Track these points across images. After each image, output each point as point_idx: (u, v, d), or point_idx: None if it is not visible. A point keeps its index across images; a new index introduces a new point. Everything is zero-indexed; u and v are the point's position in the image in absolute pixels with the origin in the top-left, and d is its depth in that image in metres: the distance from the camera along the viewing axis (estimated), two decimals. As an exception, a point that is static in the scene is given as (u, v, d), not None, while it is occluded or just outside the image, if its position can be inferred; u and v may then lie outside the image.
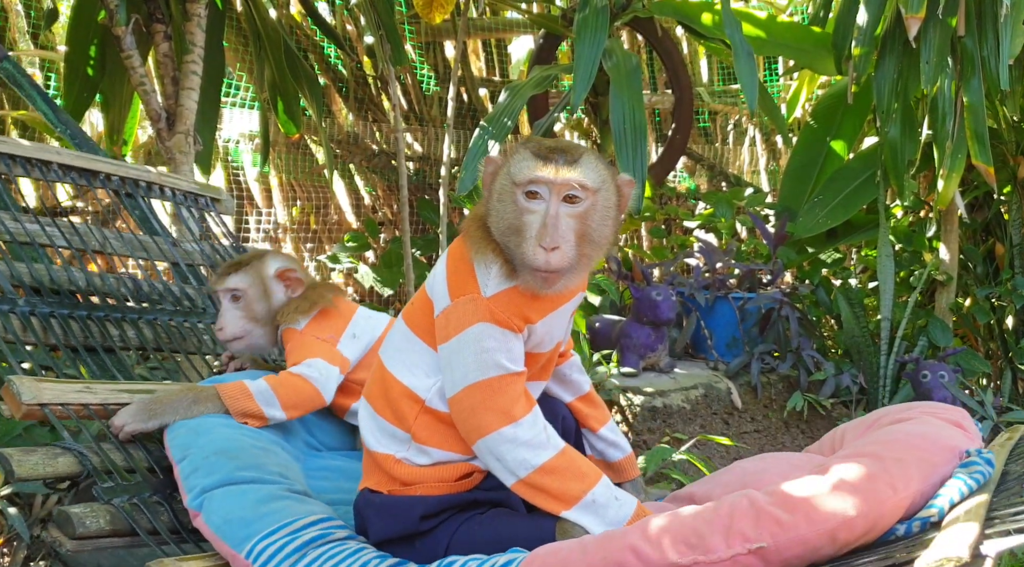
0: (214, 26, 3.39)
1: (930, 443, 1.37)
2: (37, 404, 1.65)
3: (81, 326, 1.98)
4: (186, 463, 1.61)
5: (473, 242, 1.45)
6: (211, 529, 1.49)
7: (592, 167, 1.42)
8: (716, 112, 5.70)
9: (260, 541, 1.42)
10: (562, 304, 1.51)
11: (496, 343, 1.40)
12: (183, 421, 1.71)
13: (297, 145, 4.61)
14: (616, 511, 1.38)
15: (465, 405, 1.40)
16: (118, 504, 1.58)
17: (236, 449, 1.62)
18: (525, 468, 1.38)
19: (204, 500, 1.52)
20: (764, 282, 3.71)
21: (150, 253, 2.36)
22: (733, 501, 1.27)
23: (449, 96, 3.99)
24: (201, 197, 2.62)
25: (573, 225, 1.40)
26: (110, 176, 2.39)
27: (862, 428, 1.63)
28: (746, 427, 3.31)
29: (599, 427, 1.72)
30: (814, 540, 1.20)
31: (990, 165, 3.21)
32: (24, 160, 2.20)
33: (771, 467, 1.57)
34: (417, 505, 1.45)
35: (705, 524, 1.24)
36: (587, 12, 3.21)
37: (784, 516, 1.22)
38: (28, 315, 1.90)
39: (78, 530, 1.51)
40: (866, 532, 1.23)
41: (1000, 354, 3.78)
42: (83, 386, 1.74)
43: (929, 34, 3.16)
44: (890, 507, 1.24)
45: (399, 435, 1.48)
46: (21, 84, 2.73)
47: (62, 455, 1.63)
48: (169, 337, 2.14)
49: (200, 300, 2.32)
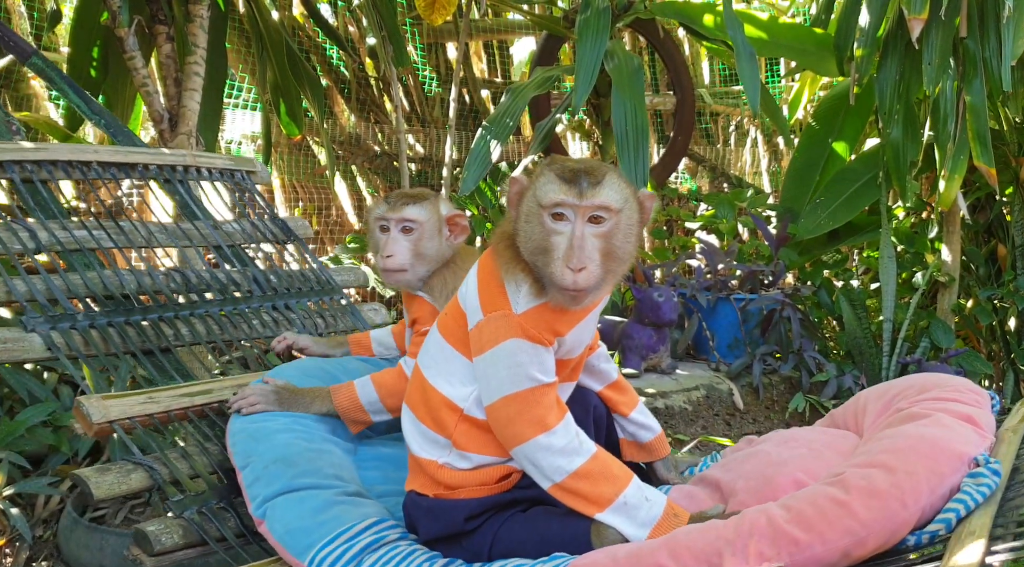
0: (216, 27, 3.40)
1: (940, 452, 1.43)
2: (107, 422, 1.73)
3: (136, 330, 2.04)
4: (248, 471, 1.69)
5: (503, 261, 1.52)
6: (275, 538, 1.58)
7: (615, 188, 1.47)
8: (718, 113, 5.70)
9: (320, 550, 1.52)
10: (589, 313, 1.58)
11: (528, 357, 1.46)
12: (242, 427, 1.78)
13: (299, 146, 4.62)
14: (647, 512, 1.45)
15: (501, 415, 1.47)
16: (188, 516, 1.66)
17: (293, 456, 1.70)
18: (560, 474, 1.45)
19: (267, 509, 1.62)
20: (766, 283, 3.71)
21: (193, 240, 2.40)
22: (752, 519, 1.34)
23: (451, 97, 4.00)
24: (236, 172, 2.66)
25: (598, 244, 1.46)
26: (148, 165, 2.44)
27: (882, 403, 1.73)
28: (748, 428, 3.31)
29: (629, 411, 1.80)
30: (828, 558, 1.28)
31: (992, 166, 3.21)
32: (65, 164, 2.25)
33: (792, 456, 1.63)
34: (461, 508, 1.53)
35: (727, 544, 1.31)
36: (589, 13, 3.21)
37: (800, 536, 1.29)
38: (88, 329, 1.96)
39: (156, 547, 1.59)
40: (878, 547, 1.30)
41: (1002, 355, 3.77)
42: (146, 397, 1.82)
43: (931, 35, 3.16)
44: (900, 523, 1.31)
45: (440, 441, 1.55)
46: (52, 78, 2.75)
47: (134, 471, 1.70)
48: (221, 328, 2.20)
49: (245, 283, 2.37)
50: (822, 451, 1.65)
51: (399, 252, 1.87)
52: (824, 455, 1.63)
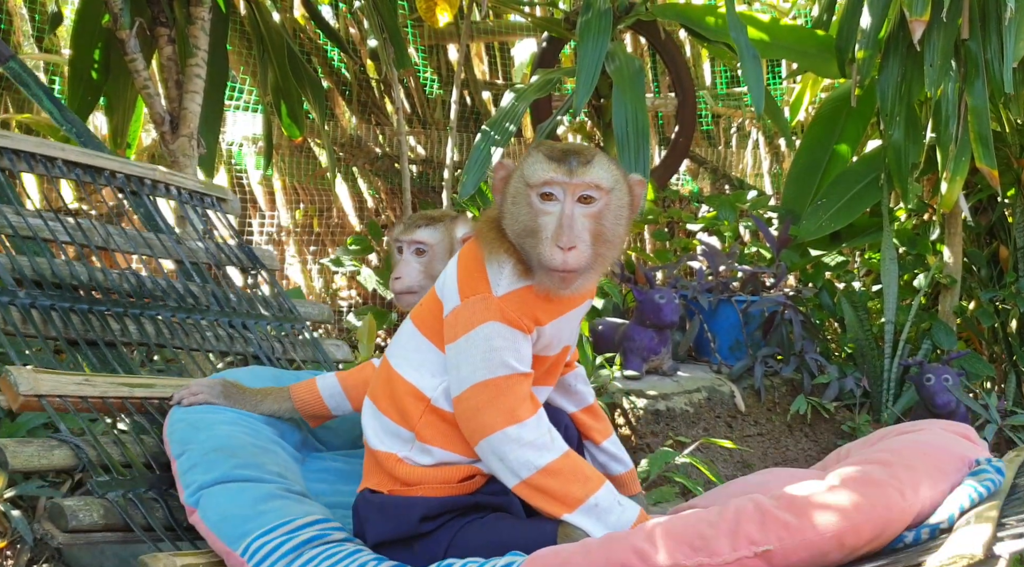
0: (217, 29, 3.40)
1: (940, 450, 1.38)
2: (34, 395, 1.63)
3: (82, 319, 1.96)
4: (184, 459, 1.60)
5: (487, 243, 1.47)
6: (207, 526, 1.48)
7: (605, 168, 1.44)
8: (719, 115, 5.70)
9: (256, 539, 1.41)
10: (572, 308, 1.53)
11: (505, 342, 1.41)
12: (182, 416, 1.70)
13: (300, 148, 4.62)
14: (619, 516, 1.38)
15: (470, 404, 1.40)
16: (112, 498, 1.56)
17: (235, 447, 1.61)
18: (528, 469, 1.38)
19: (201, 496, 1.52)
20: (767, 285, 3.71)
21: (154, 250, 2.33)
22: (739, 504, 1.27)
23: (452, 99, 4.00)
24: (207, 196, 2.61)
25: (588, 225, 1.42)
26: (115, 173, 2.37)
27: (866, 447, 1.62)
28: (749, 430, 3.30)
29: (602, 440, 1.72)
30: (821, 544, 1.20)
31: (994, 168, 3.20)
32: (28, 155, 2.17)
33: (775, 480, 1.57)
34: (418, 506, 1.45)
35: (710, 527, 1.23)
36: (590, 15, 3.21)
37: (791, 519, 1.21)
38: (28, 307, 1.88)
39: (70, 523, 1.49)
40: (874, 538, 1.22)
41: (1004, 357, 3.77)
42: (82, 378, 1.73)
43: (933, 37, 3.15)
44: (898, 512, 1.24)
45: (402, 434, 1.48)
46: (27, 83, 2.74)
47: (58, 447, 1.61)
48: (172, 333, 2.12)
49: (204, 298, 2.30)
50: (806, 479, 1.55)
51: (407, 274, 1.87)
52: (808, 479, 1.57)
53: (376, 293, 4.26)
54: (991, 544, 1.06)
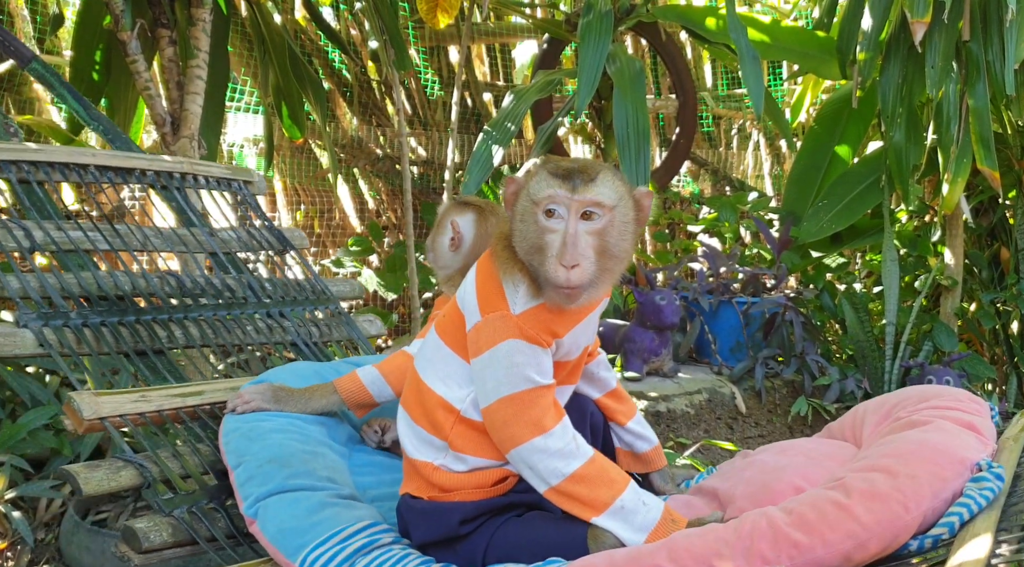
0: (219, 31, 3.40)
1: (942, 456, 1.42)
2: (97, 418, 1.71)
3: (131, 331, 2.04)
4: (241, 470, 1.68)
5: (501, 262, 1.51)
6: (267, 538, 1.57)
7: (608, 184, 1.46)
8: (720, 116, 5.70)
9: (312, 551, 1.50)
10: (587, 315, 1.57)
11: (525, 358, 1.45)
12: (236, 426, 1.78)
13: (301, 149, 4.62)
14: (644, 516, 1.43)
15: (498, 417, 1.46)
16: (178, 515, 1.65)
17: (287, 456, 1.69)
18: (556, 476, 1.43)
19: (259, 508, 1.60)
20: (768, 286, 3.70)
21: (188, 246, 2.40)
22: (753, 521, 1.33)
23: (453, 100, 4.00)
24: (233, 181, 2.66)
25: (592, 242, 1.44)
26: (145, 171, 2.44)
27: (881, 414, 1.71)
28: (750, 432, 3.30)
29: (626, 421, 1.79)
30: (829, 561, 1.27)
31: (995, 169, 3.20)
32: (62, 166, 2.25)
33: (791, 463, 1.62)
34: (456, 511, 1.51)
35: (726, 546, 1.29)
36: (591, 17, 3.21)
37: (801, 538, 1.28)
38: (81, 327, 1.96)
39: (144, 544, 1.58)
40: (880, 551, 1.29)
41: (1005, 359, 3.76)
42: (139, 395, 1.81)
43: (934, 38, 3.16)
44: (902, 527, 1.30)
45: (436, 443, 1.54)
46: (51, 83, 2.75)
47: (124, 468, 1.69)
48: (215, 332, 2.19)
49: (240, 289, 2.36)
50: (820, 459, 1.64)
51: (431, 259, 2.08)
52: (822, 463, 1.62)
53: (377, 294, 4.26)
54: (990, 558, 1.12)
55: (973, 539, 1.20)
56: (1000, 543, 1.19)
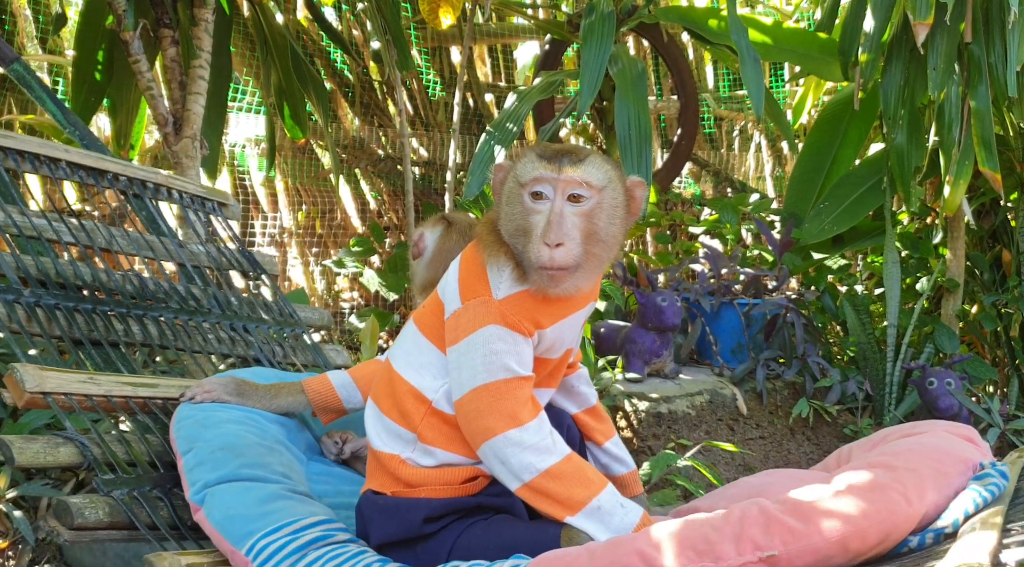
0: (221, 31, 3.40)
1: (944, 454, 1.37)
2: (40, 392, 1.64)
3: (86, 319, 1.97)
4: (190, 456, 1.60)
5: (486, 246, 1.47)
6: (212, 524, 1.49)
7: (597, 166, 1.44)
8: (722, 118, 5.70)
9: (261, 539, 1.42)
10: (573, 312, 1.52)
11: (505, 346, 1.40)
12: (190, 413, 1.71)
13: (303, 150, 4.62)
14: (622, 518, 1.37)
15: (471, 408, 1.40)
16: (118, 497, 1.57)
17: (242, 446, 1.61)
18: (530, 472, 1.37)
19: (206, 495, 1.53)
20: (769, 288, 3.70)
21: (156, 253, 2.35)
22: (744, 508, 1.26)
23: (455, 101, 4.00)
24: (208, 201, 2.62)
25: (578, 223, 1.41)
26: (118, 176, 2.39)
27: (868, 447, 1.63)
28: (751, 433, 3.30)
29: (604, 441, 1.72)
30: (826, 549, 1.20)
31: (997, 172, 3.20)
32: (32, 156, 2.18)
33: (777, 481, 1.58)
34: (421, 507, 1.45)
35: (714, 531, 1.23)
36: (593, 18, 3.21)
37: (796, 524, 1.21)
38: (33, 306, 1.88)
39: (76, 520, 1.50)
40: (879, 543, 1.22)
41: (1007, 361, 3.76)
42: (87, 377, 1.74)
43: (936, 40, 3.15)
44: (903, 518, 1.24)
45: (405, 435, 1.48)
46: (31, 86, 2.75)
47: (63, 444, 1.62)
48: (174, 335, 2.13)
49: (206, 300, 2.31)
50: (808, 479, 1.56)
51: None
52: (811, 481, 1.53)
53: (378, 295, 4.26)
54: (997, 552, 1.05)
55: (978, 532, 1.13)
56: (1007, 535, 1.14)
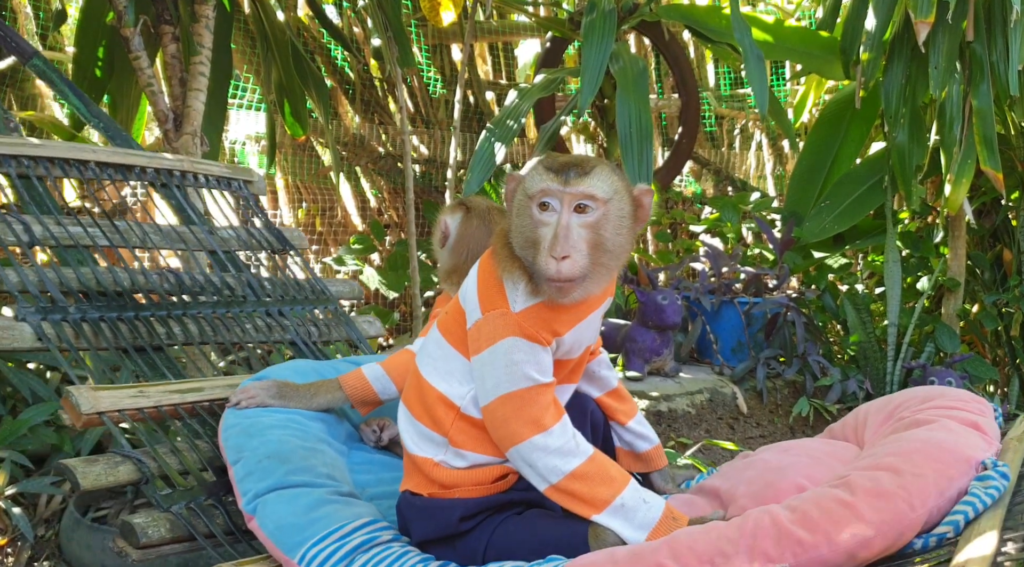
0: (222, 28, 3.40)
1: (948, 454, 1.41)
2: (95, 413, 1.71)
3: (129, 327, 2.04)
4: (240, 466, 1.68)
5: (500, 260, 1.50)
6: (265, 534, 1.57)
7: (603, 178, 1.46)
8: (723, 116, 5.69)
9: (311, 547, 1.50)
10: (589, 314, 1.56)
11: (525, 356, 1.45)
12: (236, 421, 1.78)
13: (303, 147, 4.62)
14: (645, 514, 1.43)
15: (497, 415, 1.46)
16: (176, 511, 1.65)
17: (287, 452, 1.69)
18: (556, 474, 1.43)
19: (258, 505, 1.60)
20: (770, 287, 3.70)
21: (188, 244, 2.40)
22: (756, 519, 1.32)
23: (456, 99, 3.99)
24: (234, 180, 2.67)
25: (585, 235, 1.44)
26: (145, 169, 2.44)
27: (884, 414, 1.71)
28: (751, 432, 3.30)
29: (627, 420, 1.79)
30: (833, 559, 1.26)
31: (998, 171, 3.19)
32: (62, 161, 2.25)
33: (793, 463, 1.62)
34: (456, 507, 1.51)
35: (730, 543, 1.28)
36: (594, 16, 3.21)
37: (805, 536, 1.27)
38: (79, 322, 1.96)
39: (141, 540, 1.58)
40: (884, 549, 1.28)
41: (1007, 361, 3.76)
42: (137, 391, 1.81)
43: (938, 39, 3.15)
44: (908, 525, 1.29)
45: (437, 439, 1.54)
46: (52, 80, 2.75)
47: (122, 463, 1.69)
48: (214, 330, 2.19)
49: (240, 288, 2.36)
50: (823, 459, 1.63)
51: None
52: (825, 462, 1.61)
53: (379, 293, 4.25)
54: (995, 556, 1.11)
55: (978, 537, 1.19)
56: (1006, 541, 1.18)
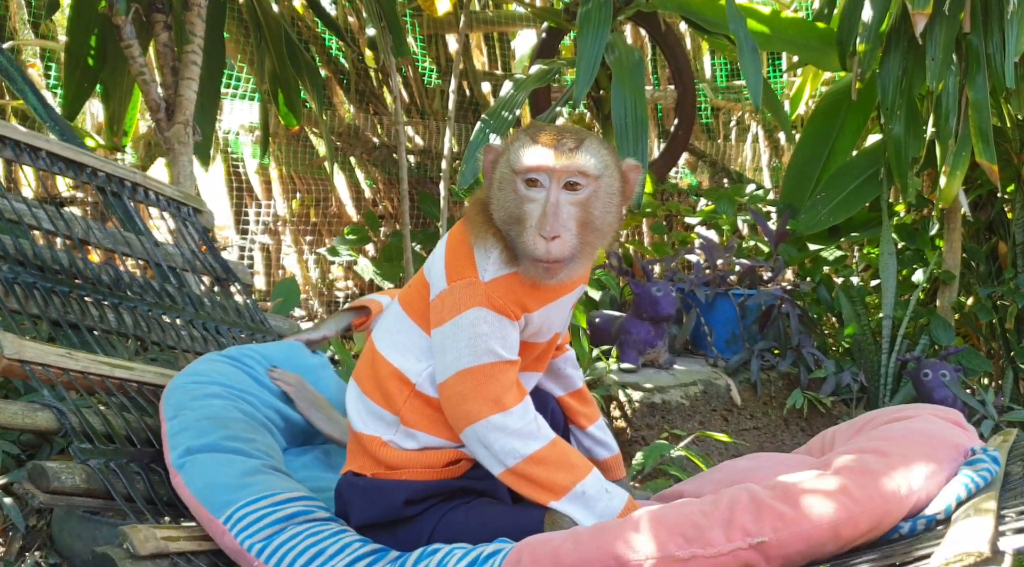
0: (214, 16, 3.37)
1: (935, 440, 1.36)
2: (18, 359, 1.64)
3: (63, 301, 1.98)
4: (176, 422, 1.61)
5: (474, 227, 1.43)
6: (191, 491, 1.47)
7: (594, 153, 1.39)
8: (719, 108, 5.68)
9: (240, 508, 1.40)
10: (562, 295, 1.49)
11: (491, 329, 1.38)
12: (183, 384, 1.73)
13: (297, 137, 4.60)
14: (607, 503, 1.36)
15: (455, 391, 1.38)
16: (95, 465, 1.57)
17: (228, 419, 1.62)
18: (514, 457, 1.36)
19: (187, 462, 1.51)
20: (765, 279, 3.69)
21: (132, 249, 2.36)
22: (733, 494, 1.25)
23: (451, 89, 3.98)
24: (184, 206, 2.63)
25: (574, 213, 1.38)
26: (96, 171, 2.39)
27: (851, 431, 1.61)
28: (745, 424, 3.30)
29: (588, 425, 1.70)
30: (817, 535, 1.18)
31: (994, 163, 3.19)
32: (14, 143, 2.20)
33: (762, 466, 1.57)
34: (402, 489, 1.43)
35: (704, 517, 1.21)
36: (590, 6, 3.19)
37: (786, 510, 1.19)
38: (11, 282, 1.89)
39: (52, 483, 1.50)
40: (870, 529, 1.21)
41: (1002, 353, 3.76)
42: (66, 352, 1.74)
43: (935, 31, 3.14)
44: (895, 504, 1.23)
45: (387, 417, 1.46)
46: (13, 77, 2.73)
47: (42, 410, 1.63)
48: (148, 327, 2.14)
49: (179, 299, 2.33)
50: (794, 465, 1.55)
51: None
52: (795, 467, 1.50)
53: (373, 283, 4.24)
54: (995, 539, 1.04)
55: (973, 519, 1.12)
56: (1002, 521, 1.12)
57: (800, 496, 1.21)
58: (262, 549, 1.36)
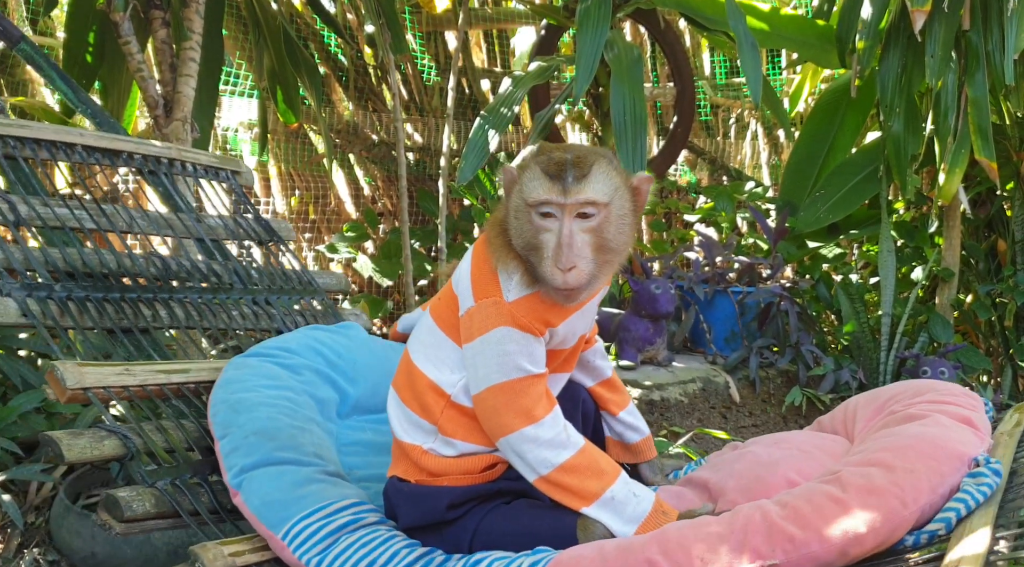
0: (213, 13, 3.37)
1: (940, 450, 1.40)
2: (80, 388, 1.70)
3: (116, 308, 2.03)
4: (226, 441, 1.67)
5: (494, 249, 1.48)
6: (250, 510, 1.55)
7: (602, 179, 1.42)
8: (718, 106, 5.68)
9: (296, 524, 1.48)
10: (584, 305, 1.55)
11: (517, 347, 1.44)
12: (224, 398, 1.77)
13: (296, 134, 4.59)
14: (635, 507, 1.42)
15: (488, 405, 1.44)
16: (161, 487, 1.64)
17: (274, 429, 1.68)
18: (546, 466, 1.42)
19: (244, 480, 1.59)
20: (764, 276, 3.70)
21: (175, 230, 2.39)
22: (747, 515, 1.31)
23: (450, 86, 3.97)
24: (221, 170, 2.66)
25: (588, 240, 1.42)
26: (132, 155, 2.42)
27: (874, 408, 1.70)
28: (744, 421, 3.30)
29: (618, 411, 1.77)
30: (825, 556, 1.25)
31: (993, 161, 3.19)
32: (49, 144, 2.23)
33: (783, 457, 1.61)
34: (444, 495, 1.50)
35: (720, 539, 1.28)
36: (589, 3, 3.18)
37: (796, 533, 1.26)
38: (65, 300, 1.95)
39: (126, 513, 1.57)
40: (876, 547, 1.27)
41: (1001, 351, 3.76)
42: (123, 369, 1.80)
43: (934, 28, 3.14)
44: (900, 522, 1.28)
45: (426, 427, 1.52)
46: (40, 65, 2.72)
47: (107, 438, 1.68)
48: (200, 315, 2.18)
49: (227, 275, 2.36)
50: (813, 452, 1.62)
51: None
52: (816, 456, 1.60)
53: (372, 281, 4.24)
54: (988, 554, 1.10)
55: (970, 535, 1.19)
56: (998, 539, 1.18)
57: (810, 518, 1.27)
58: (319, 563, 1.45)
